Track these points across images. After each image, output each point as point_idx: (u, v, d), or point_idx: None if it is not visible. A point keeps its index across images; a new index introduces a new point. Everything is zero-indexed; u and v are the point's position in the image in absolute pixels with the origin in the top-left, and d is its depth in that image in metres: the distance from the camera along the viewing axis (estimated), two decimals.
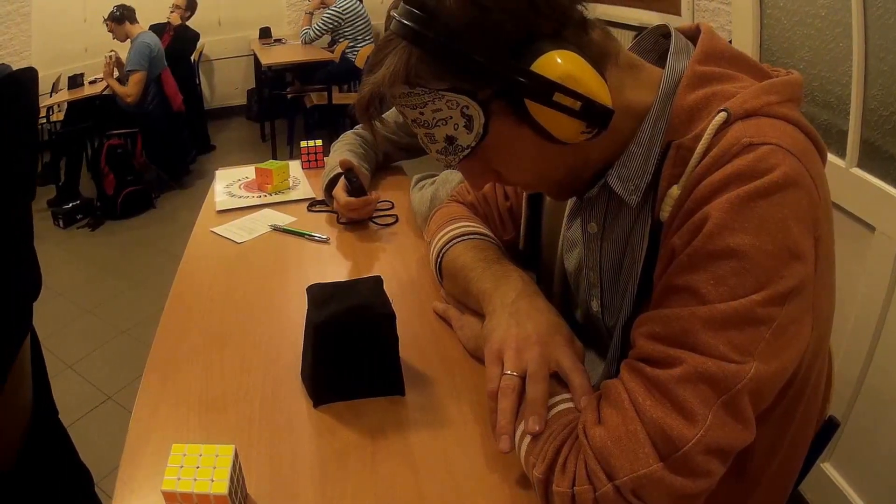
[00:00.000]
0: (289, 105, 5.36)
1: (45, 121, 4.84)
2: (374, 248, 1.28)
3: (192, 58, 5.60)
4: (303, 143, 1.73)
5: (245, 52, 6.46)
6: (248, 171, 1.67)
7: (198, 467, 0.63)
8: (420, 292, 1.08)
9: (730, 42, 0.73)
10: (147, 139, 4.41)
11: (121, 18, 4.33)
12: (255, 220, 1.41)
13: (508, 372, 0.71)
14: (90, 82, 4.73)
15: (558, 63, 0.60)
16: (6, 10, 5.49)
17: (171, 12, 5.33)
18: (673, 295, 0.61)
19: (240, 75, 6.65)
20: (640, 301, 0.69)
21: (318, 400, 0.82)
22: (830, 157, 1.35)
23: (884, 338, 1.38)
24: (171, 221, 4.16)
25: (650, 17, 2.82)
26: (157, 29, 4.97)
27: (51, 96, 4.99)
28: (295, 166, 1.70)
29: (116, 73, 4.33)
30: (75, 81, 4.70)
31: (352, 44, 5.39)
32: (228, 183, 1.64)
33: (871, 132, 1.38)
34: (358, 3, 5.49)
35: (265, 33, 6.30)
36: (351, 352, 0.81)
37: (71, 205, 4.19)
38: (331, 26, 5.47)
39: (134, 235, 4.02)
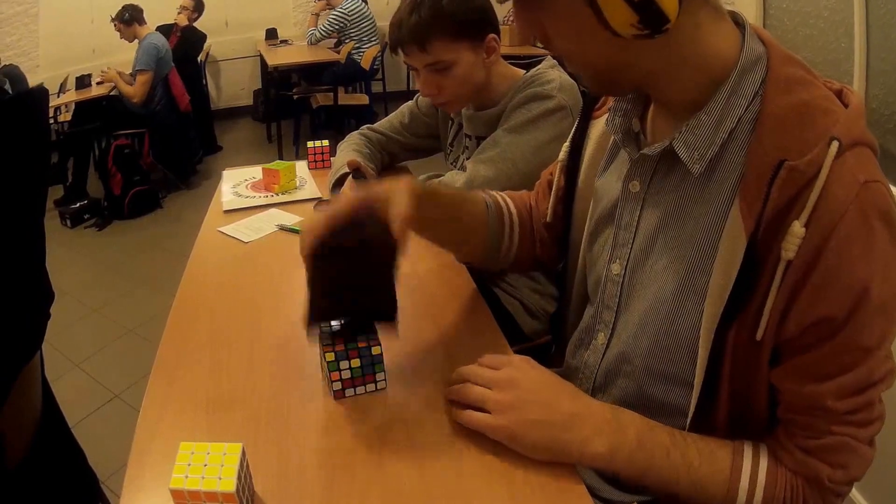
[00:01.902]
0: (295, 106, 5.37)
1: (52, 121, 4.87)
2: None
3: (198, 59, 5.62)
4: (309, 144, 1.74)
5: (251, 53, 6.48)
6: (255, 172, 1.68)
7: (206, 465, 0.63)
8: (426, 292, 1.09)
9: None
10: (154, 139, 4.43)
11: (129, 20, 4.35)
12: (262, 220, 1.42)
13: None
14: (97, 83, 4.75)
15: None
16: (14, 10, 5.53)
17: (179, 13, 5.35)
18: (847, 357, 0.66)
19: (246, 76, 6.67)
20: (731, 307, 0.68)
21: (312, 317, 0.81)
22: None
23: None
24: (178, 221, 4.18)
25: None
26: (165, 30, 5.00)
27: (58, 97, 5.02)
28: (301, 166, 1.71)
29: (127, 70, 4.38)
30: (83, 82, 4.72)
31: (357, 45, 5.40)
32: (235, 183, 1.65)
33: (873, 132, 1.36)
34: (363, 4, 5.50)
35: (271, 34, 6.32)
36: (348, 271, 0.80)
37: (78, 204, 4.22)
38: (336, 27, 5.48)
39: (141, 235, 4.04)
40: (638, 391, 0.82)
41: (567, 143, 0.99)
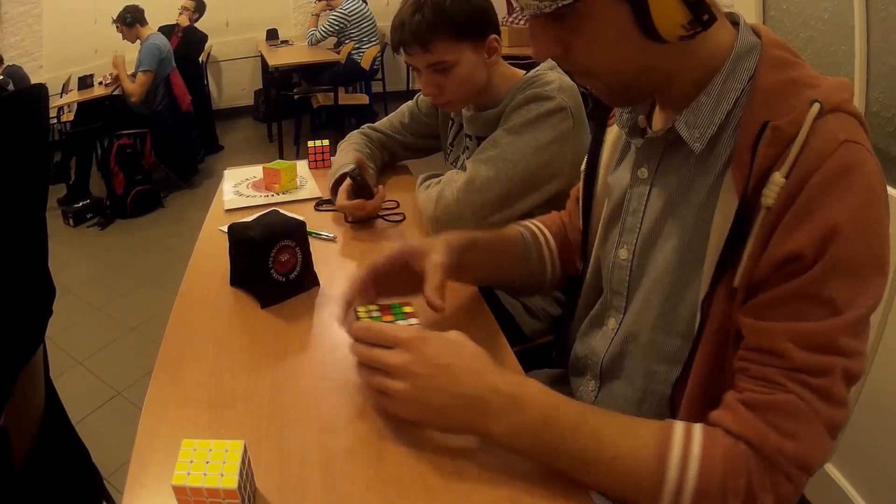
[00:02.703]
0: (295, 105, 5.38)
1: (55, 121, 4.89)
2: (382, 247, 1.29)
3: (200, 59, 5.63)
4: (310, 143, 1.75)
5: (252, 54, 6.49)
6: (256, 171, 1.68)
7: (207, 462, 0.64)
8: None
9: None
10: (156, 139, 4.44)
11: (132, 22, 4.37)
12: None
13: None
14: (100, 83, 4.76)
15: None
16: (18, 11, 5.55)
17: (180, 14, 5.36)
18: (812, 306, 0.64)
19: (247, 76, 6.68)
20: (718, 272, 0.69)
21: (230, 280, 1.13)
22: None
23: (886, 338, 1.38)
24: (180, 220, 4.19)
25: None
26: (166, 30, 5.01)
27: (61, 97, 5.04)
28: (302, 166, 1.72)
29: (129, 70, 4.39)
30: (85, 82, 4.74)
31: (357, 45, 5.41)
32: (236, 182, 1.65)
33: (873, 135, 1.38)
34: (363, 4, 5.51)
35: (272, 35, 6.33)
36: (239, 257, 1.12)
37: (81, 204, 4.24)
38: (337, 28, 5.49)
39: (143, 234, 4.05)
40: (640, 374, 0.84)
41: (587, 155, 1.00)
